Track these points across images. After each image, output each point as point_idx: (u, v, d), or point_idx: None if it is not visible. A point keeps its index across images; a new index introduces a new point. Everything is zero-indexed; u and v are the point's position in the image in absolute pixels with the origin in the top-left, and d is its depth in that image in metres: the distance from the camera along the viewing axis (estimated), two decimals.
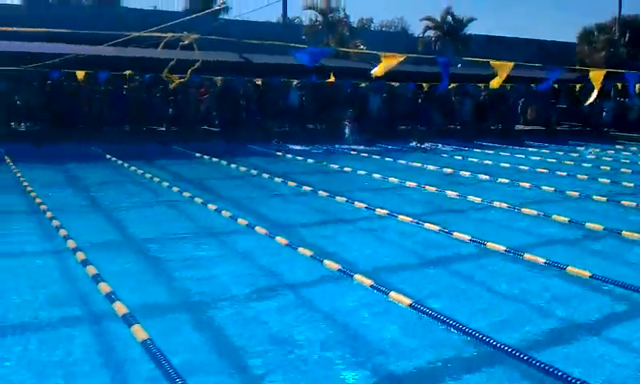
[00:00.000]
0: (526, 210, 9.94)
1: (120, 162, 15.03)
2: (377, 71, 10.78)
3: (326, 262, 6.81)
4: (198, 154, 16.97)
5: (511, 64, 10.14)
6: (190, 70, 11.23)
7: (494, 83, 10.79)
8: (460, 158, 17.84)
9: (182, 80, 14.75)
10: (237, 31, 16.67)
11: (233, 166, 15.09)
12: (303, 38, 32.24)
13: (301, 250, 7.31)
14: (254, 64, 23.80)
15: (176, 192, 11.23)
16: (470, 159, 17.44)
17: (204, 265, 7.04)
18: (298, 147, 19.56)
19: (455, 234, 8.25)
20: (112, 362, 4.56)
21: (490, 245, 7.69)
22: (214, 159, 16.02)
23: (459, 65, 29.49)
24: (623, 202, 10.81)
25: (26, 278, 6.38)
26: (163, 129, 21.21)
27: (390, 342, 4.97)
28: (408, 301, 5.58)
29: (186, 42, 9.75)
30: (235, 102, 22.18)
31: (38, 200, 9.98)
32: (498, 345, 4.67)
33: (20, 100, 19.45)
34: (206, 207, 9.89)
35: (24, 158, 14.77)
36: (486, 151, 19.74)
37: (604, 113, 27.70)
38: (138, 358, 4.43)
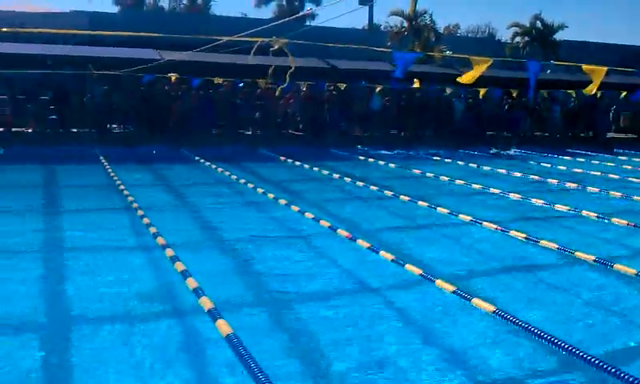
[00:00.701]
0: (615, 220, 9.58)
1: (208, 163, 15.48)
2: (464, 79, 10.68)
3: (408, 266, 6.81)
4: (282, 157, 17.26)
5: (604, 69, 9.79)
6: (288, 74, 11.47)
7: (589, 90, 10.45)
8: (548, 165, 17.35)
9: (282, 86, 15.08)
10: (322, 37, 16.84)
11: (315, 169, 15.26)
12: (388, 44, 32.22)
13: (382, 253, 7.34)
14: (339, 69, 23.99)
15: (261, 193, 11.49)
16: (558, 167, 16.94)
17: (286, 265, 7.17)
18: (380, 152, 19.56)
19: (541, 242, 8.06)
20: (196, 354, 4.74)
21: (578, 254, 7.47)
22: (298, 162, 16.26)
23: (549, 71, 28.70)
24: None
25: (117, 272, 6.69)
26: (250, 132, 21.69)
27: (472, 348, 4.93)
28: (492, 307, 5.51)
29: (276, 47, 9.97)
30: (319, 106, 22.42)
31: (130, 198, 10.44)
32: (584, 355, 4.54)
33: (115, 104, 20.35)
34: (290, 208, 10.08)
35: (118, 159, 15.45)
36: (576, 159, 19.11)
37: None
38: (220, 352, 4.58)
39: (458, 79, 11.23)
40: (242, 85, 21.33)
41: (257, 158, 17.94)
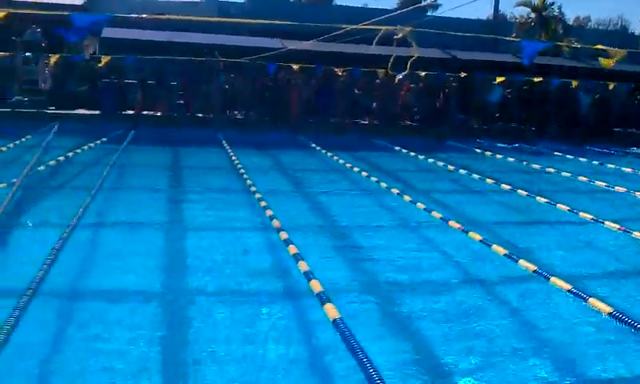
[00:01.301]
0: None
1: (324, 151, 15.74)
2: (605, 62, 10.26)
3: (521, 261, 6.68)
4: (397, 148, 17.23)
5: None
6: (409, 62, 11.46)
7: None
8: None
9: (404, 73, 15.05)
10: (444, 28, 16.63)
11: (430, 160, 15.14)
12: (514, 35, 31.21)
13: (495, 247, 7.23)
14: (460, 60, 23.58)
15: (374, 182, 11.58)
16: None
17: (395, 253, 7.22)
18: (498, 145, 19.06)
19: None
20: (303, 335, 4.91)
21: None
22: (413, 153, 16.18)
23: None
24: None
25: (234, 251, 7.02)
26: (366, 122, 21.80)
27: (584, 349, 4.80)
28: (608, 309, 5.32)
29: (400, 36, 9.98)
30: (437, 97, 22.15)
31: (249, 182, 10.85)
32: None
33: (239, 91, 21.08)
34: (402, 198, 10.10)
35: (239, 144, 16.02)
36: None
37: None
38: (326, 334, 4.72)
39: (601, 61, 10.72)
40: (360, 74, 21.42)
41: (372, 148, 18.02)
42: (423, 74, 21.41)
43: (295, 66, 20.65)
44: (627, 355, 4.69)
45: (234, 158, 13.75)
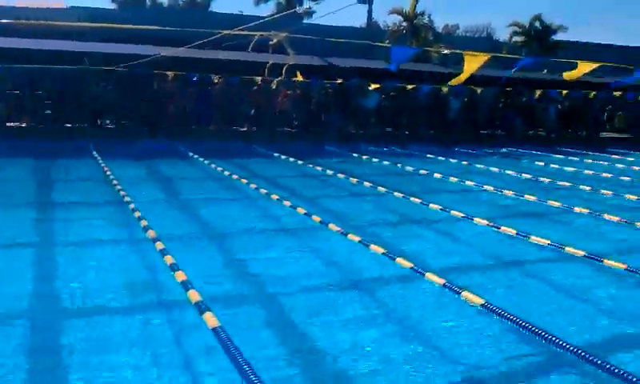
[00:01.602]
0: (607, 216, 9.62)
1: (202, 159, 15.48)
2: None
3: (399, 259, 6.82)
4: (276, 154, 17.26)
5: (594, 64, 9.83)
6: (284, 69, 11.41)
7: (568, 75, 10.55)
8: (541, 163, 17.39)
9: (280, 79, 14.98)
10: (320, 35, 16.87)
11: (309, 165, 15.27)
12: (387, 42, 32.20)
13: (373, 247, 7.34)
14: (337, 67, 24.00)
15: (253, 189, 11.49)
16: (551, 165, 16.98)
17: (277, 259, 7.17)
18: (375, 149, 19.55)
19: (532, 237, 8.08)
20: (182, 346, 4.73)
21: (568, 249, 7.50)
22: (292, 159, 16.25)
23: (545, 71, 28.78)
24: None
25: (108, 264, 6.69)
26: (245, 129, 21.69)
27: (461, 341, 4.94)
28: (480, 301, 5.53)
29: (275, 41, 9.94)
30: (314, 104, 22.42)
31: (122, 192, 10.42)
32: (570, 347, 4.56)
33: (108, 98, 20.32)
34: (282, 204, 10.08)
35: (111, 154, 15.43)
36: (569, 158, 19.16)
37: None
38: (208, 344, 4.57)
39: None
40: (236, 81, 21.28)
41: (251, 154, 17.95)
42: (300, 80, 21.59)
43: (170, 74, 20.19)
44: (500, 343, 4.87)
45: (105, 168, 13.19)
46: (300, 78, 21.19)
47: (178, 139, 18.76)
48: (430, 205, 10.33)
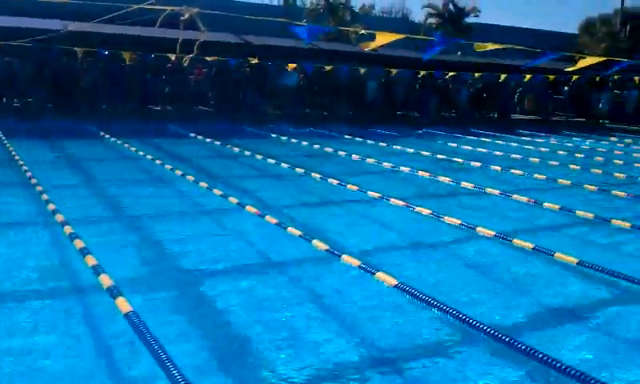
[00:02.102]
0: (517, 197, 9.96)
1: (114, 139, 14.98)
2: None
3: (315, 241, 6.81)
4: (192, 134, 16.93)
5: (499, 46, 10.11)
6: (196, 45, 11.08)
7: (478, 47, 10.87)
8: (455, 145, 17.83)
9: (191, 56, 14.58)
10: (236, 12, 16.55)
11: (227, 146, 15.06)
12: (304, 21, 32.08)
13: (290, 229, 7.30)
14: (253, 45, 23.70)
15: (168, 170, 11.23)
16: (464, 146, 17.45)
17: (193, 241, 7.02)
18: (293, 130, 19.49)
19: (446, 218, 8.25)
20: (95, 332, 4.56)
21: (479, 229, 7.70)
22: (208, 139, 15.98)
23: (459, 53, 29.44)
24: (614, 192, 10.84)
25: (14, 249, 6.37)
26: (159, 108, 21.14)
27: (375, 321, 4.98)
28: (394, 281, 5.59)
29: (186, 17, 9.65)
30: (231, 83, 22.10)
31: (28, 174, 9.95)
32: (482, 327, 4.68)
33: (16, 75, 19.31)
34: (198, 185, 9.89)
35: (17, 134, 14.71)
36: (481, 139, 19.74)
37: (600, 104, 27.72)
38: (122, 330, 4.42)
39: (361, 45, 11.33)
40: (149, 59, 20.65)
41: (166, 134, 17.53)
42: (216, 58, 21.21)
43: (79, 50, 19.37)
44: (415, 323, 4.95)
45: (10, 148, 12.55)
46: (216, 57, 20.81)
47: (89, 118, 18.06)
48: (348, 186, 10.39)
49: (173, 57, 19.85)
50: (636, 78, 25.43)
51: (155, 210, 8.46)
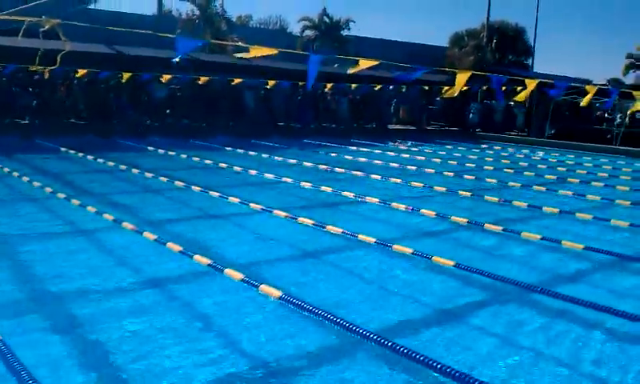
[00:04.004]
0: (395, 205, 10.19)
1: None
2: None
3: (196, 256, 6.61)
4: (63, 148, 16.09)
5: (375, 61, 10.35)
6: (59, 56, 10.45)
7: (354, 70, 11.09)
8: (336, 155, 18.07)
9: (53, 68, 13.82)
10: (107, 22, 15.93)
11: (100, 160, 14.43)
12: (179, 31, 31.51)
13: (170, 245, 7.05)
14: (127, 56, 22.95)
15: (37, 187, 10.57)
16: (345, 156, 17.73)
17: (65, 261, 6.60)
18: (171, 142, 18.97)
19: (328, 227, 8.29)
20: None
21: (361, 237, 7.79)
22: (80, 154, 15.26)
23: (336, 65, 29.94)
24: (486, 197, 11.37)
25: None
26: (26, 121, 19.94)
27: (260, 334, 4.87)
28: (278, 293, 5.52)
29: (47, 28, 9.13)
30: (104, 94, 21.25)
31: None
32: (365, 333, 4.70)
33: None
34: (70, 203, 9.36)
35: None
36: (361, 149, 20.15)
37: (471, 114, 29.16)
38: None
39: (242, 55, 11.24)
40: (9, 70, 19.39)
41: (33, 149, 16.56)
42: (86, 71, 20.28)
43: None
44: (299, 334, 4.89)
45: None
46: (87, 69, 19.89)
47: None
48: (230, 198, 10.22)
49: (45, 69, 18.78)
50: (503, 88, 26.92)
51: (23, 230, 7.90)
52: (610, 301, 5.76)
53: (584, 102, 16.23)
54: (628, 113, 24.76)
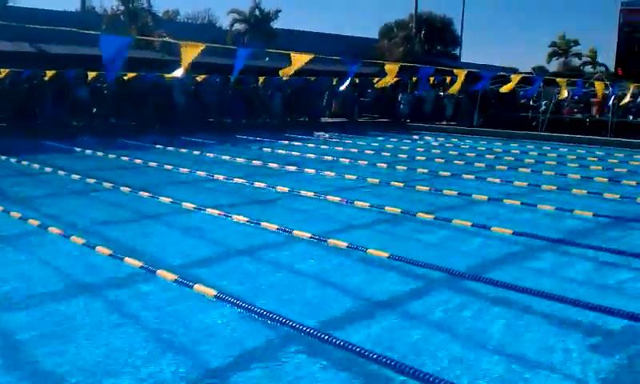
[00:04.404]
0: (330, 198, 10.22)
1: None
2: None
3: (127, 259, 6.45)
4: None
5: (307, 56, 10.29)
6: None
7: (285, 72, 11.02)
8: (269, 150, 17.97)
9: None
10: (28, 19, 15.34)
11: (24, 163, 13.90)
12: (103, 27, 30.66)
13: (99, 248, 6.85)
14: (50, 55, 22.19)
15: None
16: (278, 151, 17.65)
17: None
18: (98, 142, 18.41)
19: (263, 223, 8.23)
20: None
21: (296, 232, 7.76)
22: (3, 157, 14.64)
23: (267, 58, 29.81)
24: (418, 187, 11.54)
25: None
26: None
27: (197, 333, 4.80)
28: (212, 292, 5.44)
29: None
30: (27, 95, 20.47)
31: None
32: (303, 328, 4.69)
33: None
34: None
35: None
36: (294, 143, 20.11)
37: (401, 105, 29.54)
38: None
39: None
40: None
41: None
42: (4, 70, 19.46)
43: None
44: (236, 332, 4.83)
45: None
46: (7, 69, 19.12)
47: None
48: (161, 198, 10.02)
49: None
50: (431, 78, 27.32)
51: None
52: (539, 283, 5.93)
53: (504, 88, 16.64)
54: (553, 100, 25.64)
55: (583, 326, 5.13)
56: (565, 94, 21.28)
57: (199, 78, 23.07)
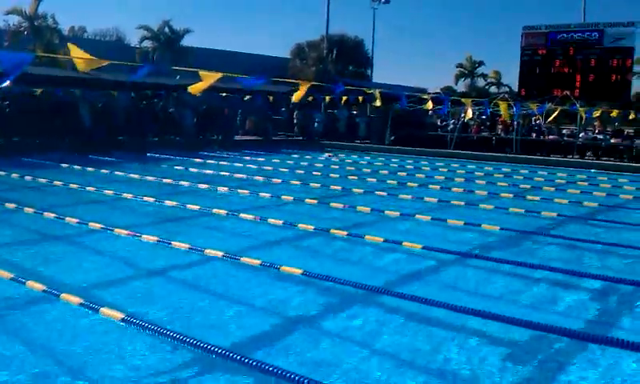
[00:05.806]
0: (244, 215, 10.12)
1: None
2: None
3: (30, 282, 6.13)
4: None
5: (218, 75, 10.22)
6: None
7: (193, 89, 10.91)
8: (180, 168, 17.66)
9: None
10: None
11: None
12: (6, 44, 29.44)
13: (1, 272, 6.48)
14: None
15: None
16: (190, 169, 17.38)
17: None
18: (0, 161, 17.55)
19: (174, 243, 8.04)
20: None
21: (208, 251, 7.62)
22: None
23: (178, 77, 29.38)
24: (331, 204, 11.62)
25: None
26: None
27: (102, 359, 4.62)
28: (120, 315, 5.24)
29: None
30: None
31: None
32: (216, 349, 4.57)
33: None
34: None
35: None
36: (207, 161, 19.84)
37: (316, 123, 29.82)
38: None
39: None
40: None
41: None
42: None
43: None
44: (144, 357, 4.67)
45: None
46: None
47: None
48: (67, 218, 9.61)
49: None
50: (344, 98, 27.71)
51: None
52: (451, 296, 6.05)
53: (426, 107, 17.10)
54: (460, 119, 26.55)
55: (492, 337, 5.26)
56: (470, 113, 22.11)
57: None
